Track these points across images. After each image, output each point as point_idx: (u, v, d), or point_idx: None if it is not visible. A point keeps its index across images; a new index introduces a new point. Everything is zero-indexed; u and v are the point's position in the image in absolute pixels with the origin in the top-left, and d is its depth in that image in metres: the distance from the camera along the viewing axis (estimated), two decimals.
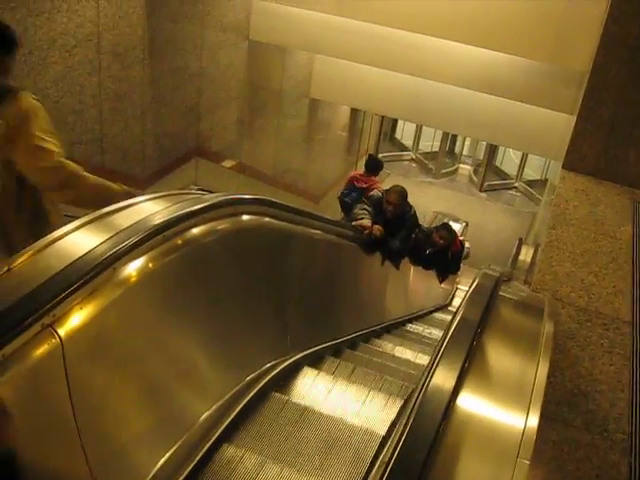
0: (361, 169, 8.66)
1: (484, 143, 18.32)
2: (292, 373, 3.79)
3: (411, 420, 2.13)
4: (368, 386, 3.89)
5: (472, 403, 2.35)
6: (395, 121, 19.21)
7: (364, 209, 6.35)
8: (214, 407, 2.93)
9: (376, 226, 6.12)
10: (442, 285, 10.97)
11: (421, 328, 7.88)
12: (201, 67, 8.48)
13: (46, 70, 5.79)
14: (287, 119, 11.78)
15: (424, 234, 7.96)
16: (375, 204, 6.50)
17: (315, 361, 4.25)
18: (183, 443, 2.65)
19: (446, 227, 8.60)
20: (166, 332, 2.63)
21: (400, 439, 2.06)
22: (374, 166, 8.15)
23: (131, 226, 2.43)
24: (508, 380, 2.65)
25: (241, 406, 3.10)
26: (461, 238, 9.83)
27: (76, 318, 2.06)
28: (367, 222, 6.13)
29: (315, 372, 3.88)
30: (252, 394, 3.23)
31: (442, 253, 8.30)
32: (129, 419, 2.43)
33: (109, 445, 2.30)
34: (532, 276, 4.76)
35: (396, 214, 6.44)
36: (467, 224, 13.24)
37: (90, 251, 2.22)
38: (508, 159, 19.18)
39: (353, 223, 6.15)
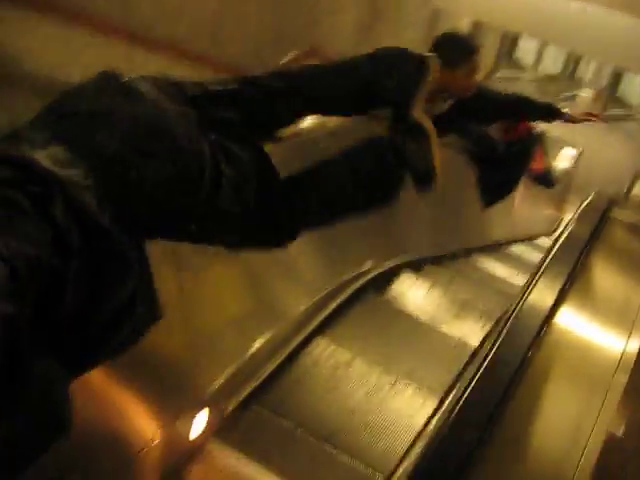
0: None
1: (608, 70, 17.34)
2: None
3: (504, 332, 2.11)
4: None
5: (570, 321, 2.31)
6: (515, 40, 18.38)
7: None
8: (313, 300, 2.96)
9: None
10: (546, 212, 10.61)
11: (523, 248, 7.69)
12: None
13: None
14: (406, 28, 11.44)
15: None
16: None
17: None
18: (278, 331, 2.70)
19: None
20: None
21: (491, 349, 2.06)
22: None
23: None
24: (611, 304, 2.58)
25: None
26: None
27: None
28: None
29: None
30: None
31: None
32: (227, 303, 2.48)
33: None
34: None
35: None
36: (582, 151, 12.74)
37: None
38: (632, 90, 18.12)
39: None
